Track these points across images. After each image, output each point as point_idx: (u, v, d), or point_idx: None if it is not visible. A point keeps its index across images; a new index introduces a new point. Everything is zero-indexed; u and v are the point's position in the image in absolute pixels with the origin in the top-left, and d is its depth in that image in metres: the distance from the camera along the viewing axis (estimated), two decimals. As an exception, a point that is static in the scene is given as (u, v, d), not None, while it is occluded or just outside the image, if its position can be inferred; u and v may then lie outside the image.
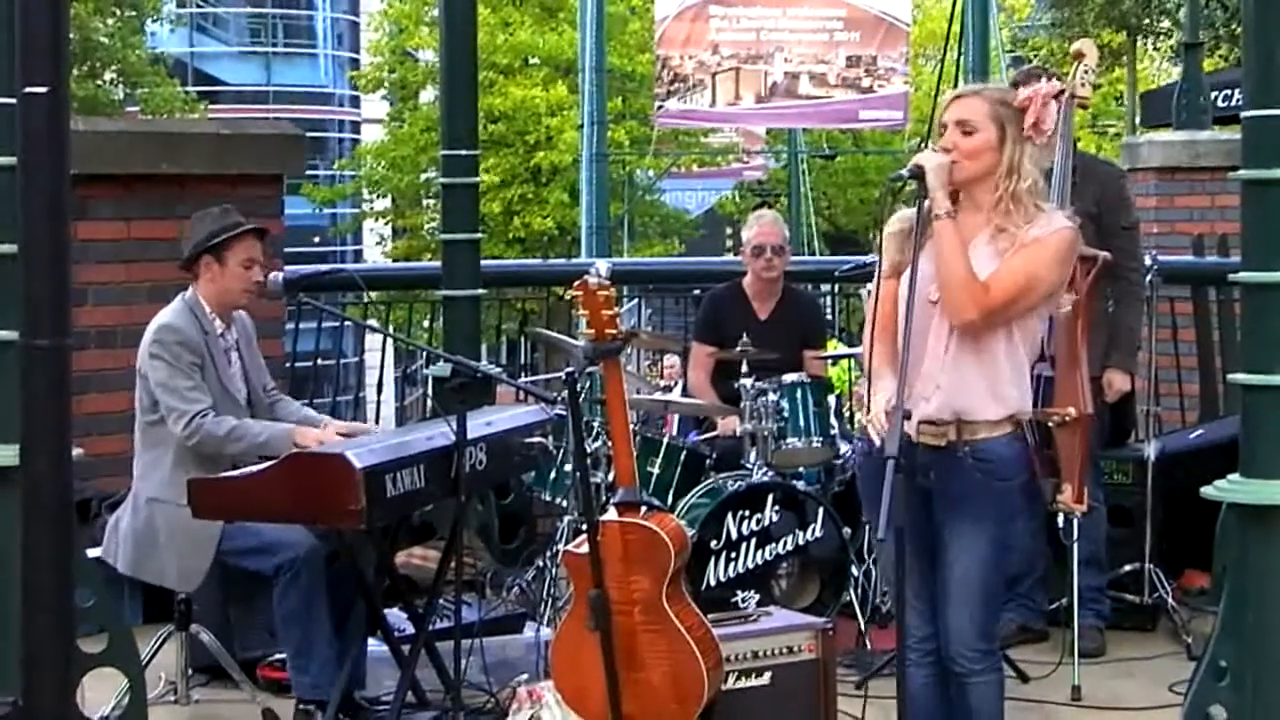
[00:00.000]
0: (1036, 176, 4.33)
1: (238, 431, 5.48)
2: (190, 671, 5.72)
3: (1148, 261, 6.64)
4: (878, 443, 4.14)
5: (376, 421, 9.96)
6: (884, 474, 4.02)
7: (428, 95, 30.79)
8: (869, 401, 4.36)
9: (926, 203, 4.25)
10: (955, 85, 18.30)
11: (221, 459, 5.43)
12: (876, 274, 4.47)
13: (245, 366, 5.75)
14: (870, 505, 4.42)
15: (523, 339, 15.71)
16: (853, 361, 9.56)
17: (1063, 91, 6.24)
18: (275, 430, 5.54)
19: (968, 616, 4.34)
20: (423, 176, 29.25)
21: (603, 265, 6.63)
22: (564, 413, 5.66)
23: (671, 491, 6.71)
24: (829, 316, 10.68)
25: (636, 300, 15.85)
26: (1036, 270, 4.26)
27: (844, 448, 6.94)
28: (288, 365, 8.01)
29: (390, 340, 8.99)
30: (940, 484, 4.30)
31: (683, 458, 6.83)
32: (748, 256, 7.33)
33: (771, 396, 6.71)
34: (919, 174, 4.24)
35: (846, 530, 6.53)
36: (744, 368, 6.75)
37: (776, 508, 6.49)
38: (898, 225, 4.40)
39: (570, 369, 5.13)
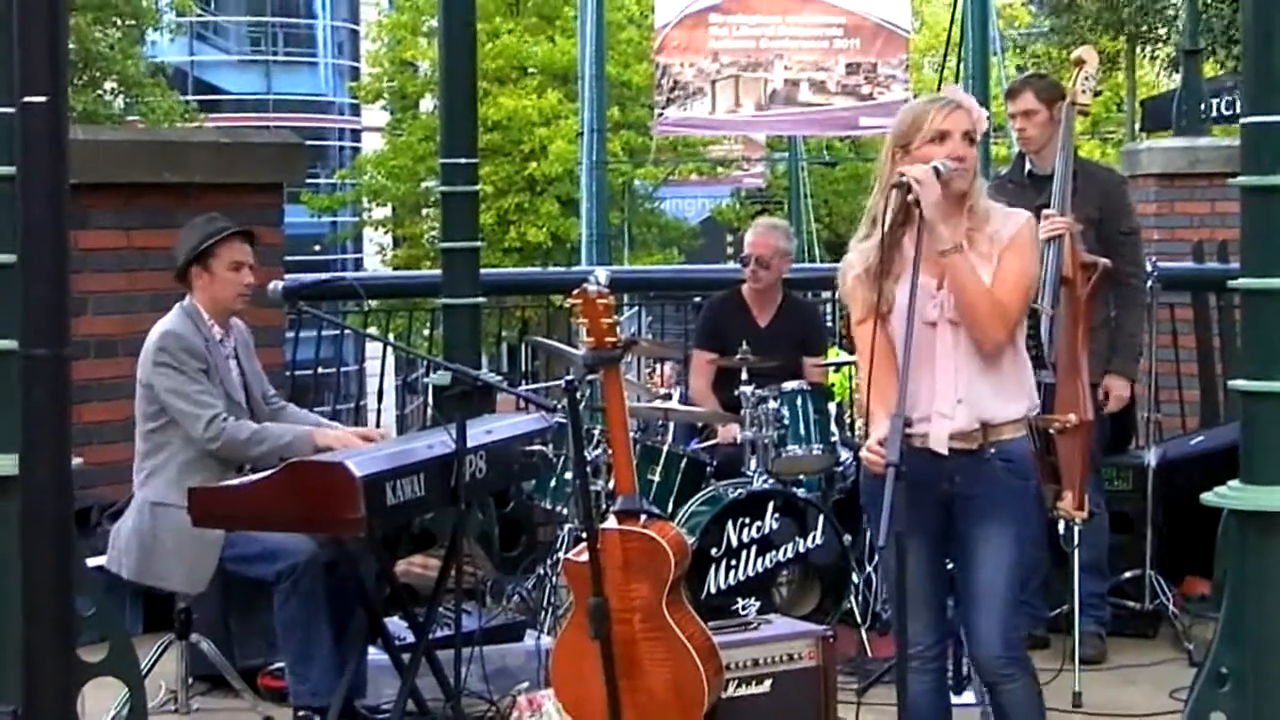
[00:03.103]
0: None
1: (260, 434, 5.49)
2: (190, 680, 5.72)
3: (1148, 267, 6.64)
4: (878, 470, 4.13)
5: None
6: (916, 480, 4.07)
7: (427, 104, 30.81)
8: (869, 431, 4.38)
9: (888, 206, 4.26)
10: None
11: (233, 463, 5.43)
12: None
13: (244, 374, 5.75)
14: (875, 516, 4.43)
15: (523, 347, 15.73)
16: (853, 369, 9.58)
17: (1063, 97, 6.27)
18: (298, 432, 5.55)
19: (994, 622, 4.34)
20: (422, 185, 29.27)
21: (602, 273, 6.64)
22: (564, 421, 5.66)
23: (672, 499, 6.70)
24: (829, 324, 10.68)
25: (637, 308, 15.86)
26: (1030, 267, 4.38)
27: (844, 455, 6.94)
28: (288, 374, 8.01)
29: (390, 348, 8.99)
30: (967, 488, 4.31)
31: (683, 465, 6.82)
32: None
33: (772, 404, 6.71)
34: (907, 187, 4.24)
35: (847, 538, 6.53)
36: (744, 375, 6.75)
37: (777, 515, 6.50)
38: (860, 267, 4.36)
39: (570, 377, 5.12)
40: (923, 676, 4.45)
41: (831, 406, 7.00)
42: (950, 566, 4.47)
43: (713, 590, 6.36)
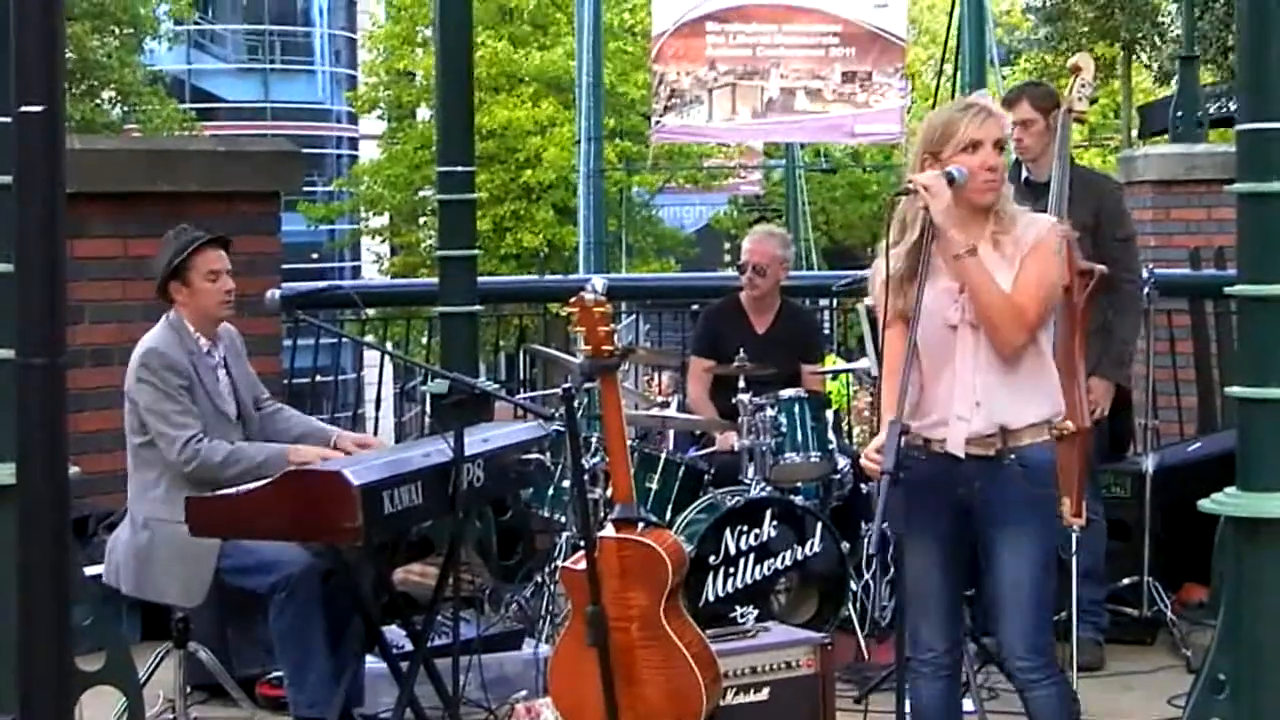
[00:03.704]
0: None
1: (234, 456, 5.46)
2: (188, 689, 5.69)
3: (1144, 274, 6.64)
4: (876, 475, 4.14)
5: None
6: (933, 484, 4.19)
7: (424, 114, 30.80)
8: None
9: (919, 212, 4.26)
10: (952, 98, 18.34)
11: (210, 484, 5.40)
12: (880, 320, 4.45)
13: (234, 381, 5.73)
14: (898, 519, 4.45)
15: (520, 355, 15.72)
16: (850, 376, 9.57)
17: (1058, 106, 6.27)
18: (271, 451, 5.52)
19: (1015, 626, 4.35)
20: (419, 194, 29.26)
21: (599, 281, 6.64)
22: (562, 429, 5.66)
23: (670, 507, 6.70)
24: (827, 331, 10.68)
25: (634, 316, 15.87)
26: (1050, 272, 4.34)
27: (842, 462, 6.94)
28: (285, 382, 8.00)
29: (388, 357, 9.00)
30: (986, 494, 4.31)
31: (681, 473, 6.82)
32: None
33: (769, 412, 6.70)
34: (912, 192, 4.25)
35: (845, 545, 6.53)
36: (741, 382, 6.75)
37: (774, 523, 6.49)
38: (887, 272, 4.36)
39: (567, 385, 5.13)
40: (934, 682, 4.45)
41: (829, 414, 7.00)
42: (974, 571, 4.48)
43: (710, 598, 6.36)
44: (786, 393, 6.81)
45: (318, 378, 9.85)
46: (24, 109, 3.59)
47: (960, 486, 4.31)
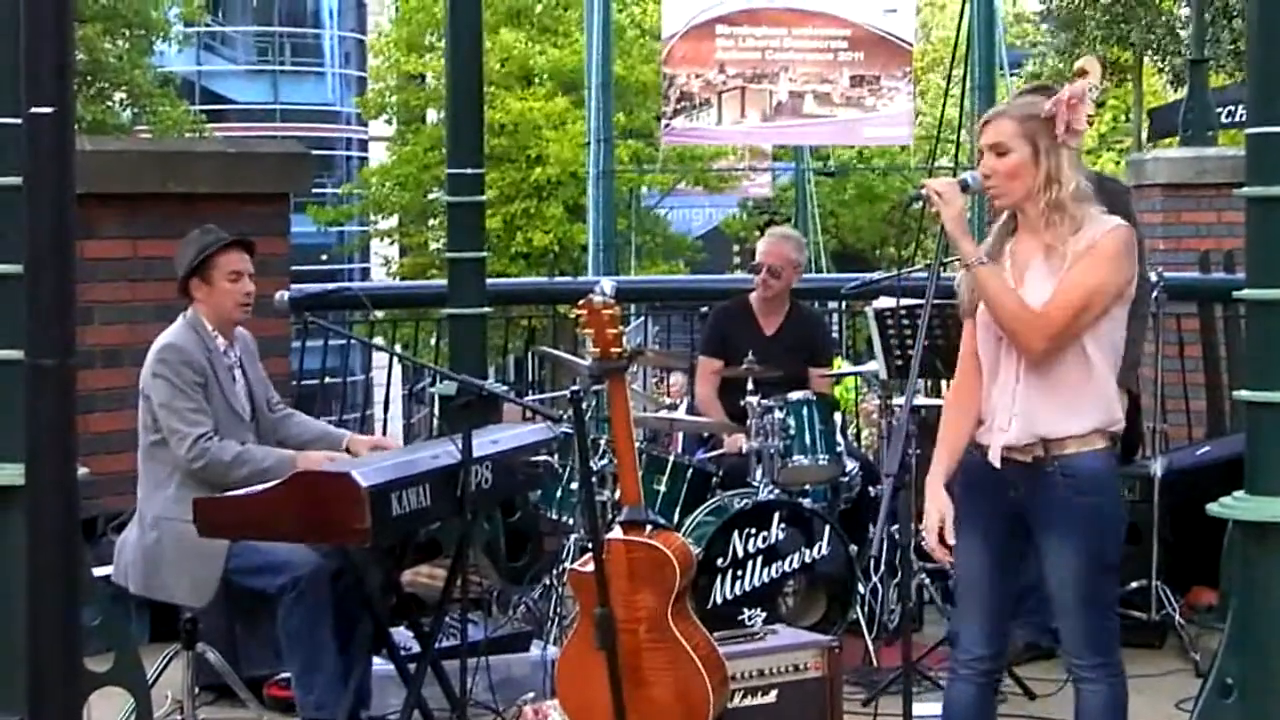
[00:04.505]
0: (1079, 180, 4.26)
1: (243, 457, 5.47)
2: (197, 690, 5.70)
3: (1153, 278, 6.63)
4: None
5: (383, 440, 9.95)
6: (984, 486, 4.26)
7: (434, 116, 30.78)
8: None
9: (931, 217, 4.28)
10: (961, 103, 18.36)
11: (216, 485, 5.41)
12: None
13: (249, 383, 5.75)
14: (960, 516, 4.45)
15: (529, 357, 15.74)
16: (858, 379, 9.57)
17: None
18: (280, 456, 5.53)
19: (1067, 626, 4.38)
20: (428, 195, 29.26)
21: (608, 283, 6.65)
22: (570, 431, 5.67)
23: (678, 509, 6.71)
24: (835, 334, 10.68)
25: (643, 318, 15.88)
26: (1094, 279, 4.22)
27: (850, 465, 6.94)
28: (294, 384, 8.01)
29: (396, 359, 9.01)
30: (1028, 499, 4.32)
31: (689, 475, 6.83)
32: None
33: (778, 414, 6.70)
34: (924, 198, 4.26)
35: (853, 548, 6.53)
36: (750, 385, 6.75)
37: (783, 525, 6.49)
38: (961, 269, 4.37)
39: (576, 387, 5.13)
40: (967, 685, 4.46)
41: (837, 417, 7.00)
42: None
43: (718, 600, 6.36)
44: (795, 395, 6.82)
45: (326, 379, 9.84)
46: (34, 111, 3.60)
47: (1009, 490, 4.33)
